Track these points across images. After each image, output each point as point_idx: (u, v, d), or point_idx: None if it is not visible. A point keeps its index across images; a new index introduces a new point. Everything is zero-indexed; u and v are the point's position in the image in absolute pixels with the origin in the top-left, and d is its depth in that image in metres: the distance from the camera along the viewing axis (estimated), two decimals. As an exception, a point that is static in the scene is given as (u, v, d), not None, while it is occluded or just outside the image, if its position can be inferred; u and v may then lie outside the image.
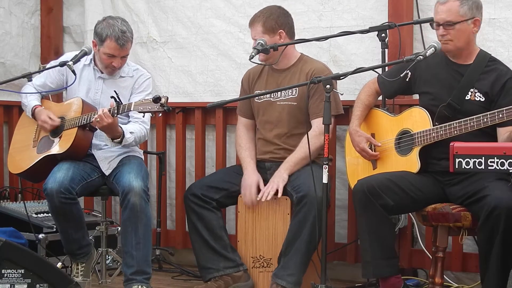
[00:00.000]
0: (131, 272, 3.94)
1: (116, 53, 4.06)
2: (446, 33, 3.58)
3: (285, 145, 4.22)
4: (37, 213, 4.69)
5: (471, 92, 3.62)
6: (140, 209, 3.90)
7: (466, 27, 3.57)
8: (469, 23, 3.57)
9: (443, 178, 3.64)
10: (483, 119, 3.42)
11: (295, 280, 3.94)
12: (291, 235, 3.98)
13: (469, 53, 3.66)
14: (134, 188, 3.90)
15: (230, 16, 5.05)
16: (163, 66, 5.28)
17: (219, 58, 5.10)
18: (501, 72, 3.61)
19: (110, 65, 4.10)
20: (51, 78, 4.25)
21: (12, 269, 3.40)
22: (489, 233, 3.32)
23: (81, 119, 3.99)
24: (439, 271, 3.60)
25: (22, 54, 5.51)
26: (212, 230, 4.19)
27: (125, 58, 4.13)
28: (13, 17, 5.43)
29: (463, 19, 3.55)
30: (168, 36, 5.26)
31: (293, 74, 4.23)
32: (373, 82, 4.01)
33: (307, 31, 4.66)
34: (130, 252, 3.94)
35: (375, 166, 3.88)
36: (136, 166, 4.06)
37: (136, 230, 3.92)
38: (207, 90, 5.14)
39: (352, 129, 3.93)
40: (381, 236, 3.60)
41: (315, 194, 3.79)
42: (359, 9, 4.63)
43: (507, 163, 2.91)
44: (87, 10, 5.47)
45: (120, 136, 3.95)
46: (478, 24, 3.59)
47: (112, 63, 4.08)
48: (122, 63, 4.13)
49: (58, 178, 3.90)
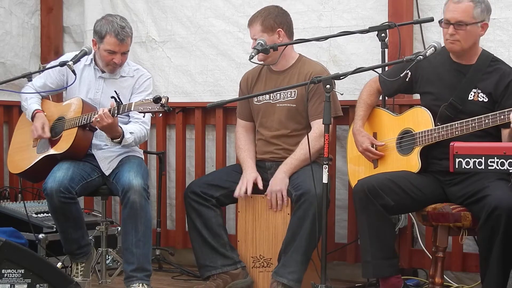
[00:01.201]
0: (132, 269, 3.94)
1: (117, 49, 4.05)
2: (455, 33, 3.55)
3: (285, 145, 4.22)
4: (37, 213, 4.69)
5: (473, 92, 3.62)
6: (140, 207, 3.90)
7: (476, 30, 3.56)
8: (479, 26, 3.56)
9: (444, 178, 3.64)
10: (484, 120, 3.42)
11: (296, 278, 3.95)
12: (290, 233, 3.98)
13: (472, 54, 3.65)
14: (134, 186, 3.90)
15: (230, 15, 5.05)
16: (162, 66, 5.27)
17: (219, 58, 5.10)
18: (505, 73, 3.61)
19: (111, 62, 4.09)
20: (51, 78, 4.24)
21: (12, 269, 3.40)
22: (490, 233, 3.32)
23: (81, 119, 3.99)
24: (439, 271, 3.60)
25: (23, 54, 5.51)
26: (211, 228, 4.19)
27: (125, 55, 4.12)
28: (14, 17, 5.43)
29: (474, 21, 3.54)
30: (167, 35, 5.26)
31: (292, 76, 4.23)
32: (374, 81, 4.01)
33: (307, 31, 4.66)
34: (130, 249, 3.94)
35: (376, 165, 3.88)
36: (136, 164, 4.06)
37: (137, 228, 3.92)
38: (207, 90, 5.14)
39: (356, 129, 3.93)
40: (381, 236, 3.60)
41: (314, 192, 3.80)
42: (359, 9, 4.63)
43: (507, 163, 2.91)
44: (87, 10, 5.47)
45: (120, 136, 3.95)
46: (485, 28, 3.59)
47: (113, 60, 4.08)
48: (123, 59, 4.12)
49: (57, 177, 3.90)
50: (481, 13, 3.55)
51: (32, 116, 4.17)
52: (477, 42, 3.63)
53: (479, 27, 3.57)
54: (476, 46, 3.65)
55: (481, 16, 3.55)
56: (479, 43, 3.66)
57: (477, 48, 3.66)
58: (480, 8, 3.54)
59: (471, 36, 3.56)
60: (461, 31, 3.54)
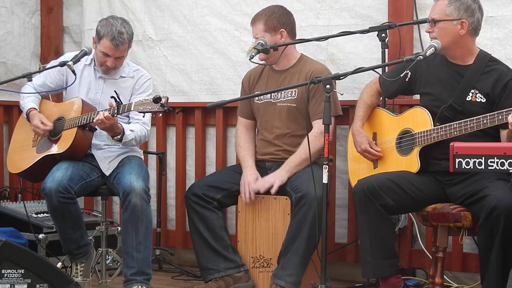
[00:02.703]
0: (131, 273, 3.93)
1: (110, 53, 4.05)
2: (431, 30, 3.60)
3: (285, 146, 4.22)
4: (37, 213, 4.69)
5: (471, 93, 3.61)
6: (141, 209, 3.90)
7: (451, 27, 3.56)
8: (455, 24, 3.55)
9: (444, 178, 3.64)
10: (482, 120, 3.41)
11: (294, 280, 3.94)
12: (290, 235, 3.98)
13: (466, 54, 3.64)
14: (135, 188, 3.89)
15: (226, 14, 5.05)
16: (159, 65, 5.27)
17: (215, 56, 5.10)
18: (502, 73, 3.60)
19: (104, 63, 4.10)
20: (51, 78, 4.24)
21: (12, 269, 3.40)
22: (489, 233, 3.32)
23: (81, 119, 3.99)
24: (439, 271, 3.60)
25: (24, 54, 5.51)
26: (213, 230, 4.19)
27: (120, 60, 4.11)
28: (15, 16, 5.43)
29: (447, 19, 3.54)
30: (164, 34, 5.25)
31: (293, 75, 4.23)
32: (374, 82, 4.01)
33: (305, 29, 4.66)
34: (130, 253, 3.94)
35: (376, 165, 3.88)
36: (136, 166, 4.06)
37: (137, 231, 3.91)
38: (203, 89, 5.14)
39: (355, 129, 3.94)
40: (381, 236, 3.60)
41: (314, 194, 3.79)
42: (357, 8, 4.62)
43: (507, 163, 2.92)
44: (85, 10, 5.47)
45: (121, 133, 3.95)
46: (465, 26, 3.56)
47: (106, 62, 4.08)
48: (117, 64, 4.12)
49: (57, 177, 3.90)
50: (455, 11, 3.54)
51: (26, 115, 4.17)
52: (461, 41, 3.59)
53: (456, 25, 3.55)
54: (465, 46, 3.62)
55: (455, 14, 3.54)
56: (471, 43, 3.64)
57: (469, 48, 3.64)
58: (454, 5, 3.54)
59: (446, 33, 3.56)
60: (435, 28, 3.57)
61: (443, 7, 3.56)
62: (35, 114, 4.14)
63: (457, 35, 3.58)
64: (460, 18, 3.55)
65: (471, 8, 3.57)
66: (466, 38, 3.60)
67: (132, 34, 4.12)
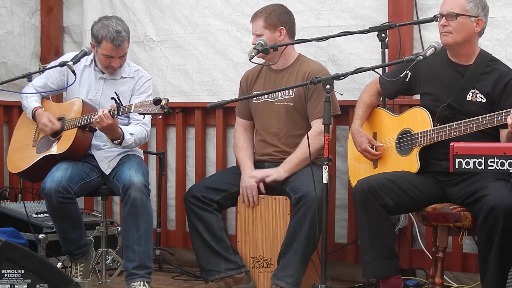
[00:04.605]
0: (133, 266, 3.93)
1: (113, 54, 4.06)
2: (447, 24, 3.57)
3: (284, 146, 4.22)
4: (37, 213, 4.69)
5: (472, 93, 3.61)
6: (141, 203, 3.90)
7: (468, 23, 3.56)
8: (472, 20, 3.56)
9: (444, 179, 3.64)
10: (482, 121, 3.41)
11: (294, 281, 3.94)
12: (289, 236, 3.98)
13: (470, 53, 3.65)
14: (135, 183, 3.90)
15: (227, 15, 5.05)
16: (160, 66, 5.27)
17: (216, 57, 5.10)
18: (503, 73, 3.60)
19: (109, 65, 4.11)
20: (52, 78, 4.25)
21: (12, 269, 3.40)
22: (488, 232, 3.32)
23: (81, 120, 3.99)
24: (439, 271, 3.59)
25: (24, 54, 5.51)
26: (213, 232, 4.18)
27: (123, 58, 4.13)
28: (15, 16, 5.43)
29: (466, 14, 3.55)
30: (165, 35, 5.25)
31: (291, 74, 4.23)
32: (375, 83, 4.01)
33: (305, 30, 4.66)
34: (131, 246, 3.93)
35: (376, 165, 3.88)
36: (136, 163, 4.06)
37: (138, 225, 3.91)
38: (204, 89, 5.14)
39: (355, 129, 3.94)
40: (381, 236, 3.59)
41: (313, 195, 3.79)
42: (357, 8, 4.63)
43: (507, 163, 2.91)
44: (86, 10, 5.47)
45: (120, 137, 3.95)
46: (481, 24, 3.58)
47: (111, 64, 4.09)
48: (121, 62, 4.13)
49: (56, 177, 3.90)
50: (474, 7, 3.55)
51: (32, 114, 4.17)
52: (472, 39, 3.61)
53: (473, 22, 3.56)
54: (473, 44, 3.64)
55: (474, 10, 3.55)
56: (476, 42, 3.66)
57: (474, 47, 3.65)
58: (474, 2, 3.55)
59: (463, 28, 3.56)
60: (453, 22, 3.55)
61: (462, 2, 3.55)
62: (42, 113, 4.14)
63: (472, 32, 3.59)
64: (477, 16, 3.57)
65: (487, 7, 3.61)
66: (476, 36, 3.62)
67: (128, 29, 4.12)
